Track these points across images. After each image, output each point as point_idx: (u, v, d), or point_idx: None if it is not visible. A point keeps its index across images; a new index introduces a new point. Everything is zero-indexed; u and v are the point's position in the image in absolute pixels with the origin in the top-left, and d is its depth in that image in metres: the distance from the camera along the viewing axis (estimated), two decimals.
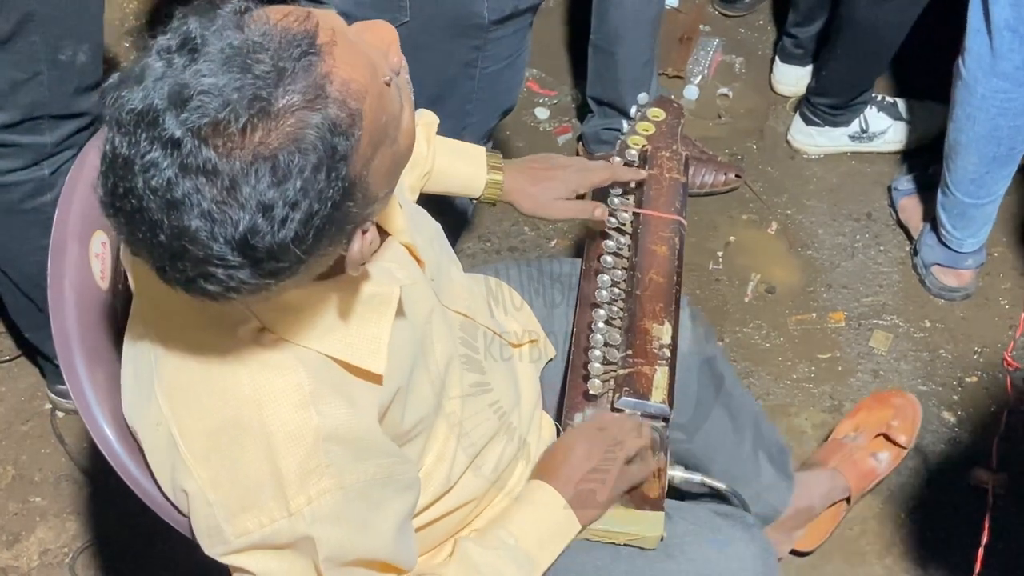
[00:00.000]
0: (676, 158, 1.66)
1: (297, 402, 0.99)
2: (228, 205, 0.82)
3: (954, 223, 2.35)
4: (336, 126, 0.85)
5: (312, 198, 0.85)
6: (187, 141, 0.81)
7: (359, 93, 0.88)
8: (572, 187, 1.55)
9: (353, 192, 0.89)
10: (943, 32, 2.42)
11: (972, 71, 2.12)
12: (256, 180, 0.82)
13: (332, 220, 0.88)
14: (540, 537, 1.27)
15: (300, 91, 0.84)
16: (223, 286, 0.87)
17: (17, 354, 2.36)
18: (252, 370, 1.00)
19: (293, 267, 0.88)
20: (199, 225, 0.83)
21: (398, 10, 1.58)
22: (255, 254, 0.84)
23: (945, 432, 2.26)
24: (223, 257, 0.84)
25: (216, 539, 1.02)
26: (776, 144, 2.80)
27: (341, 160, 0.86)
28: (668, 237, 1.56)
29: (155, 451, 1.06)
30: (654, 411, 1.38)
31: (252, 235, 0.83)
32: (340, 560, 1.04)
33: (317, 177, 0.84)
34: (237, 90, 0.82)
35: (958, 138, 2.23)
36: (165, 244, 0.84)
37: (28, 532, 2.13)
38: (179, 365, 1.03)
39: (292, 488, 0.99)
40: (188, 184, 0.82)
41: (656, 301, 1.47)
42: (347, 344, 1.04)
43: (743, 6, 3.11)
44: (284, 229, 0.84)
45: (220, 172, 0.82)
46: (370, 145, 0.90)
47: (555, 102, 2.93)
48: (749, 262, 2.56)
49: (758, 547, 1.42)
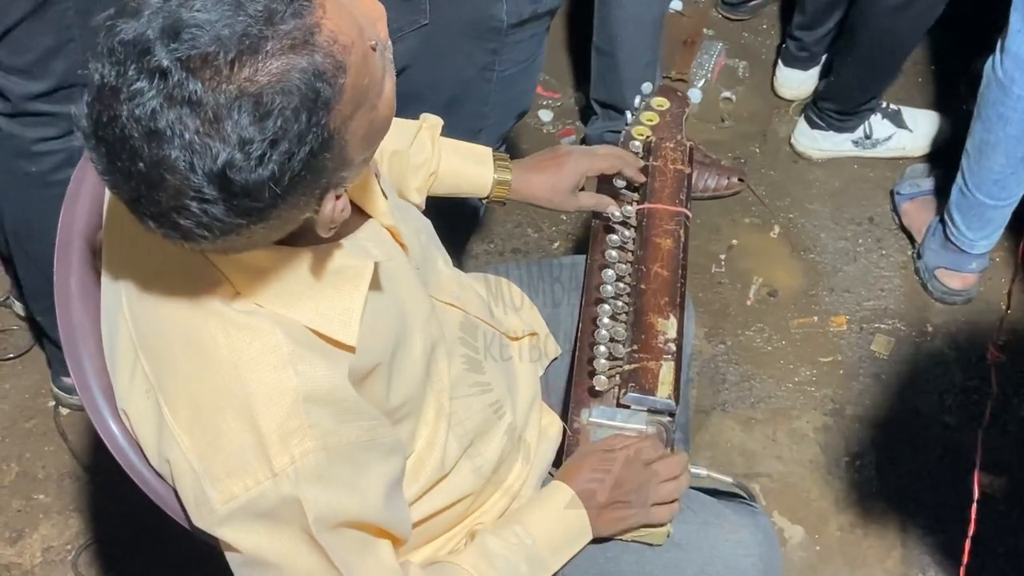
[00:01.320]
0: (680, 148, 1.65)
1: (275, 363, 0.99)
2: (210, 137, 0.84)
3: (969, 224, 2.36)
4: (321, 72, 0.87)
5: (291, 140, 0.86)
6: (175, 71, 0.83)
7: (345, 46, 0.90)
8: (582, 170, 1.56)
9: (331, 144, 0.90)
10: (949, 42, 2.44)
11: (1010, 72, 2.12)
12: (239, 115, 0.84)
13: (308, 168, 0.89)
14: (555, 543, 1.28)
15: (289, 34, 0.86)
16: (195, 221, 0.88)
17: (21, 352, 2.36)
18: (229, 333, 1.00)
19: (266, 210, 0.89)
20: (179, 155, 0.84)
21: (418, 12, 1.58)
22: (231, 188, 0.86)
23: (945, 435, 2.26)
24: (199, 189, 0.85)
25: (203, 508, 1.02)
26: (779, 148, 2.81)
27: (323, 107, 0.88)
28: (673, 230, 1.56)
29: (143, 422, 1.07)
30: (660, 406, 1.38)
31: (230, 168, 0.85)
32: (330, 522, 1.03)
33: (298, 119, 0.86)
34: (228, 26, 0.84)
35: (986, 138, 2.23)
36: (143, 173, 0.85)
37: (31, 529, 2.13)
38: (158, 332, 1.04)
39: (274, 448, 0.99)
40: (172, 114, 0.83)
41: (661, 295, 1.47)
42: (319, 313, 1.04)
43: (747, 10, 3.11)
44: (261, 166, 0.85)
45: (204, 104, 0.83)
46: (351, 102, 0.91)
47: (559, 104, 2.93)
48: (751, 265, 2.56)
49: (763, 535, 1.42)
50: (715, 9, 3.13)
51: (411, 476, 1.23)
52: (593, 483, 1.33)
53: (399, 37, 1.61)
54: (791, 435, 2.27)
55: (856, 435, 2.27)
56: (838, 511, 2.17)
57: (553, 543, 1.29)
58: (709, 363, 2.39)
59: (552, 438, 1.49)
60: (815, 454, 2.25)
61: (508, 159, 1.58)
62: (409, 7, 1.58)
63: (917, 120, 2.74)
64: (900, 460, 2.23)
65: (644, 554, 1.38)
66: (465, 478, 1.31)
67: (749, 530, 1.42)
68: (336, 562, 1.04)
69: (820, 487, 2.20)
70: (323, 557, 1.03)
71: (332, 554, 1.04)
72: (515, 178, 1.56)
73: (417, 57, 1.65)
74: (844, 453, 2.25)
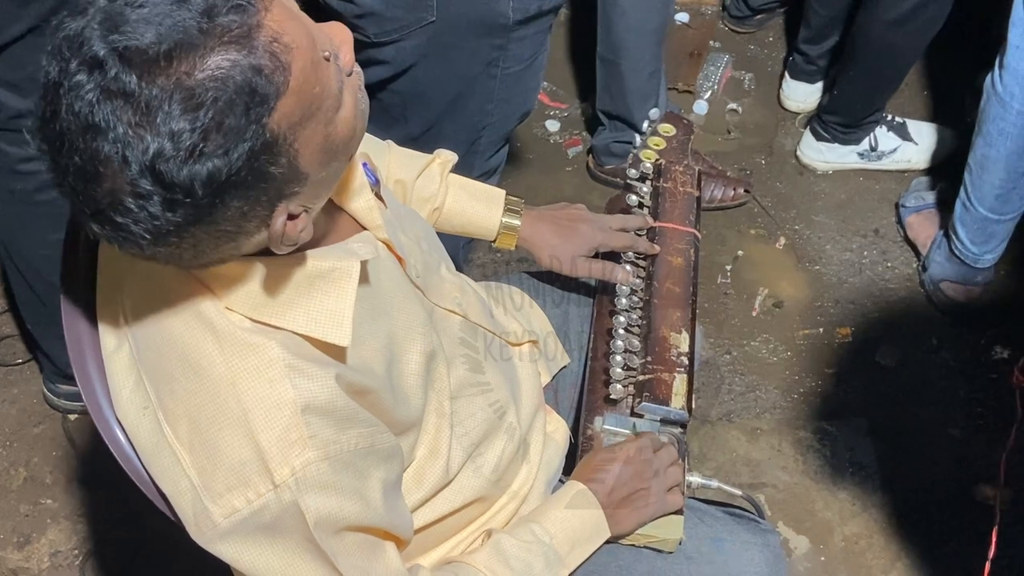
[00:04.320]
0: (689, 172, 1.69)
1: (271, 377, 1.00)
2: (142, 128, 0.84)
3: (973, 238, 2.37)
4: (258, 68, 0.87)
5: (226, 134, 0.86)
6: (111, 63, 0.83)
7: (288, 48, 0.89)
8: (594, 245, 1.54)
9: (275, 149, 0.90)
10: (953, 55, 2.45)
11: (1009, 87, 2.14)
12: (169, 106, 0.84)
13: (250, 170, 0.88)
14: (572, 539, 1.29)
15: (228, 29, 0.86)
16: (133, 218, 0.87)
17: (29, 357, 2.37)
18: (224, 349, 1.00)
19: (203, 210, 0.88)
20: (111, 148, 0.84)
21: (425, 9, 1.60)
22: (163, 180, 0.85)
23: (949, 447, 2.27)
24: (134, 182, 0.85)
25: (204, 524, 1.02)
26: (785, 160, 2.82)
27: (260, 103, 0.87)
28: (683, 249, 1.58)
29: (140, 436, 1.07)
30: (674, 417, 1.40)
31: (160, 159, 0.84)
32: (332, 527, 1.03)
33: (232, 111, 0.86)
34: (168, 18, 0.84)
35: (987, 153, 2.25)
36: (80, 167, 0.86)
37: (39, 534, 2.14)
38: (155, 349, 1.04)
39: (275, 461, 0.99)
40: (108, 107, 0.84)
41: (674, 310, 1.49)
42: (311, 319, 1.04)
43: (753, 23, 3.13)
44: (193, 159, 0.85)
45: (138, 97, 0.83)
46: (299, 107, 0.91)
47: (565, 114, 2.95)
48: (757, 276, 2.58)
49: (772, 553, 1.43)
50: (721, 22, 3.15)
51: (413, 485, 1.23)
52: (605, 476, 1.34)
53: (406, 35, 1.63)
54: (796, 446, 2.28)
55: (861, 446, 2.28)
56: (843, 522, 2.18)
57: (571, 539, 1.30)
58: (715, 373, 2.40)
59: (559, 443, 1.50)
60: (820, 465, 2.25)
61: (521, 204, 1.56)
62: (416, 3, 1.59)
63: (922, 132, 2.75)
64: (905, 471, 2.24)
65: (655, 564, 1.39)
66: (469, 482, 1.31)
67: (759, 548, 1.43)
68: (341, 567, 1.04)
69: (825, 498, 2.21)
70: (326, 563, 1.04)
71: (337, 560, 1.04)
72: (525, 226, 1.54)
73: (423, 54, 1.66)
74: (849, 464, 2.26)
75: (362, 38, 1.64)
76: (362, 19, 1.62)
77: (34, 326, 2.13)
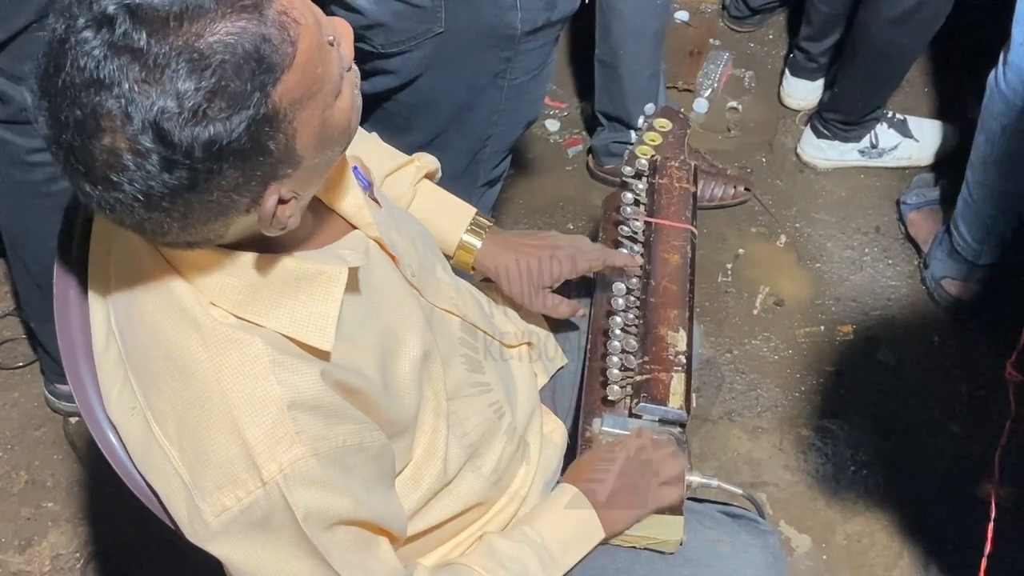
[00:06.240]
0: (685, 168, 1.67)
1: (256, 374, 0.99)
2: (148, 85, 0.84)
3: (974, 234, 2.37)
4: (266, 38, 0.88)
5: (230, 98, 0.86)
6: (119, 19, 0.84)
7: (296, 21, 0.90)
8: (557, 275, 1.50)
9: (276, 123, 0.90)
10: (954, 52, 2.45)
11: (1013, 84, 2.13)
12: (177, 64, 0.84)
13: (251, 139, 0.89)
14: (565, 538, 1.29)
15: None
16: (129, 178, 0.87)
17: (30, 360, 2.37)
18: (208, 347, 1.00)
19: (201, 175, 0.88)
20: (115, 104, 0.84)
21: (433, 21, 1.59)
22: (165, 138, 0.85)
23: (951, 445, 2.27)
24: (134, 138, 0.85)
25: (197, 523, 1.02)
26: (785, 157, 2.82)
27: (267, 72, 0.88)
28: (680, 246, 1.57)
29: (131, 437, 1.07)
30: (672, 417, 1.39)
31: (164, 117, 0.84)
32: (322, 523, 1.03)
33: (239, 76, 0.86)
34: None
35: (990, 150, 2.24)
36: (80, 121, 0.86)
37: (40, 537, 2.14)
38: (142, 348, 1.04)
39: (262, 457, 0.99)
40: (114, 63, 0.84)
41: (671, 309, 1.49)
42: (294, 320, 1.04)
43: (753, 21, 3.13)
44: (196, 120, 0.85)
45: (146, 54, 0.84)
46: (301, 85, 0.91)
47: (565, 114, 2.95)
48: (758, 274, 2.57)
49: (772, 554, 1.43)
50: (721, 19, 3.15)
51: (410, 484, 1.23)
52: (599, 473, 1.34)
53: (414, 45, 1.62)
54: (798, 444, 2.28)
55: (863, 444, 2.28)
56: (845, 520, 2.18)
57: (563, 540, 1.29)
58: (715, 372, 2.39)
59: (556, 444, 1.50)
60: (822, 463, 2.25)
61: (489, 227, 1.51)
62: (425, 15, 1.59)
63: (923, 129, 2.75)
64: (907, 469, 2.24)
65: (654, 566, 1.39)
66: (469, 483, 1.31)
67: (759, 550, 1.42)
68: (335, 564, 1.04)
69: (827, 496, 2.21)
70: (319, 560, 1.03)
71: (329, 555, 1.04)
72: (484, 250, 1.49)
73: (430, 65, 1.66)
74: (851, 462, 2.25)
75: (369, 48, 1.63)
76: (370, 30, 1.61)
77: (37, 324, 2.13)
